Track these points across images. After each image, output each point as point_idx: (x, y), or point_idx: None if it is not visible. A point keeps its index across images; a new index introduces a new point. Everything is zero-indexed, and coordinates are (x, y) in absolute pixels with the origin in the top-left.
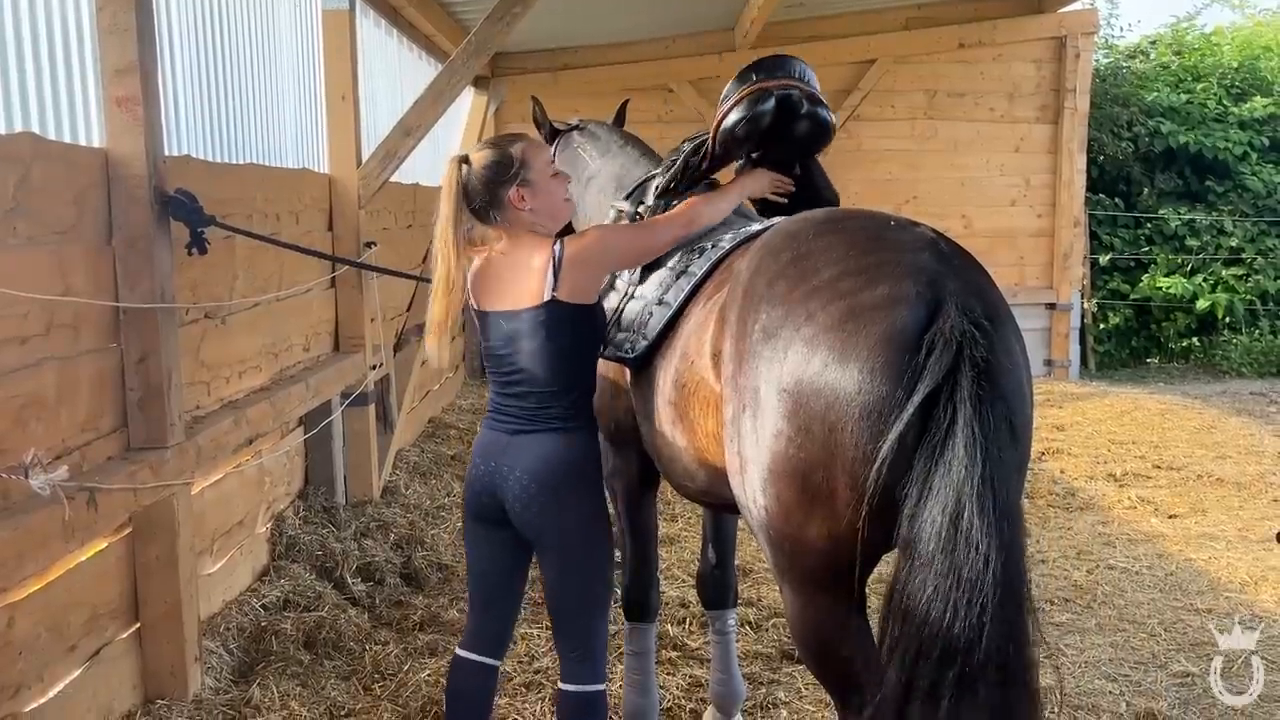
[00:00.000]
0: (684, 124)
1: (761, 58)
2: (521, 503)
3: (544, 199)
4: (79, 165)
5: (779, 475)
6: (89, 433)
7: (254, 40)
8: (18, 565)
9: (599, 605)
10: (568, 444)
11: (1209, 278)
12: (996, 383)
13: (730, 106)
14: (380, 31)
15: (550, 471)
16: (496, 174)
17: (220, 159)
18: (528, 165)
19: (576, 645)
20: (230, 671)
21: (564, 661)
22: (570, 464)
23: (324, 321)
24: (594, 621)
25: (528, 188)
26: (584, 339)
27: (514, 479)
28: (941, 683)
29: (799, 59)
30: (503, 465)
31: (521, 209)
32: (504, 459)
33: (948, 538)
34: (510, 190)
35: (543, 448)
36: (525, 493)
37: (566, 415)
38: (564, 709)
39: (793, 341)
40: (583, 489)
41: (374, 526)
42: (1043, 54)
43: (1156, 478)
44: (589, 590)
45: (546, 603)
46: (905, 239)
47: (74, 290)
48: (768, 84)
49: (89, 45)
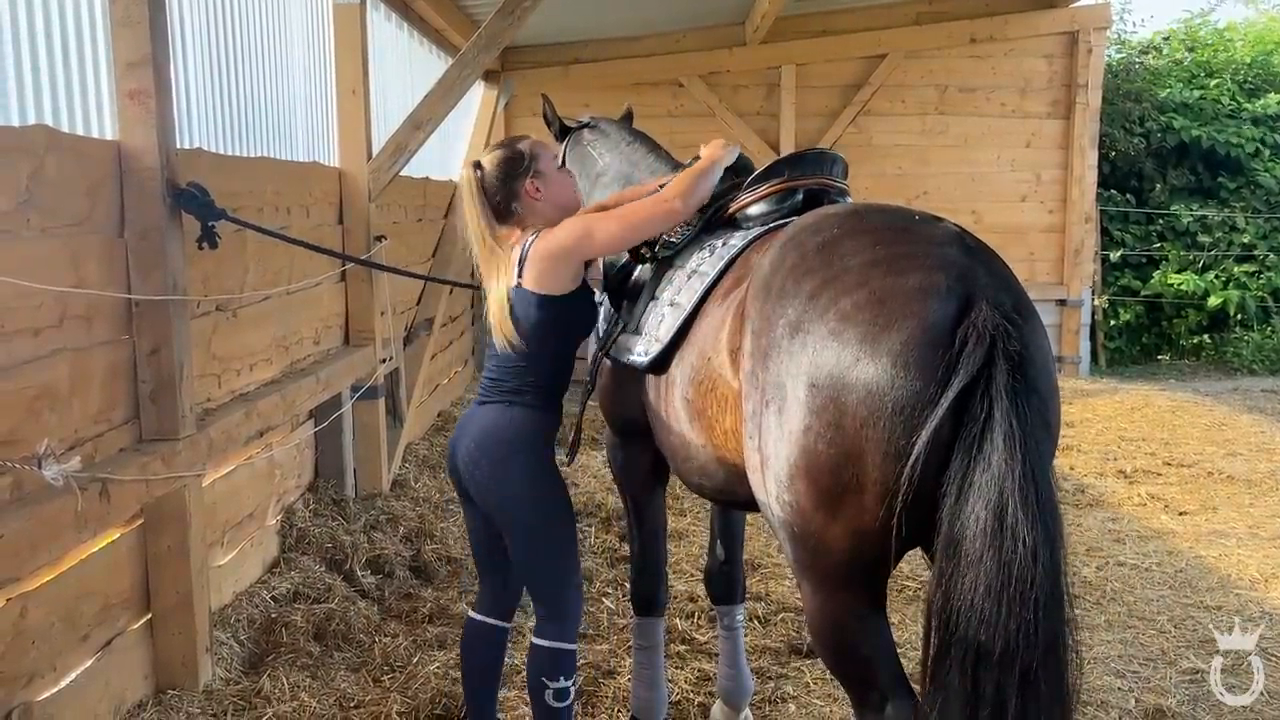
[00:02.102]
0: (694, 118)
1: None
2: (468, 471)
3: (555, 189)
4: (92, 158)
5: (805, 471)
6: (101, 424)
7: (265, 34)
8: (31, 555)
9: (558, 565)
10: (511, 417)
11: (1221, 274)
12: (1029, 376)
13: (758, 197)
14: (391, 25)
15: (489, 440)
16: (510, 169)
17: (231, 152)
18: (537, 158)
19: (544, 604)
20: (240, 662)
21: (537, 618)
22: (506, 437)
23: (334, 315)
24: (557, 587)
25: (540, 179)
26: (547, 325)
27: (463, 447)
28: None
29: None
30: (460, 436)
31: (536, 199)
32: (464, 428)
33: (994, 534)
34: (525, 182)
35: (487, 418)
36: (469, 458)
37: (518, 390)
38: (531, 660)
39: (822, 335)
40: (521, 460)
41: (383, 519)
42: (1055, 49)
43: (1167, 474)
44: (543, 549)
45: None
46: (932, 233)
47: (87, 282)
48: (798, 183)
49: (102, 38)
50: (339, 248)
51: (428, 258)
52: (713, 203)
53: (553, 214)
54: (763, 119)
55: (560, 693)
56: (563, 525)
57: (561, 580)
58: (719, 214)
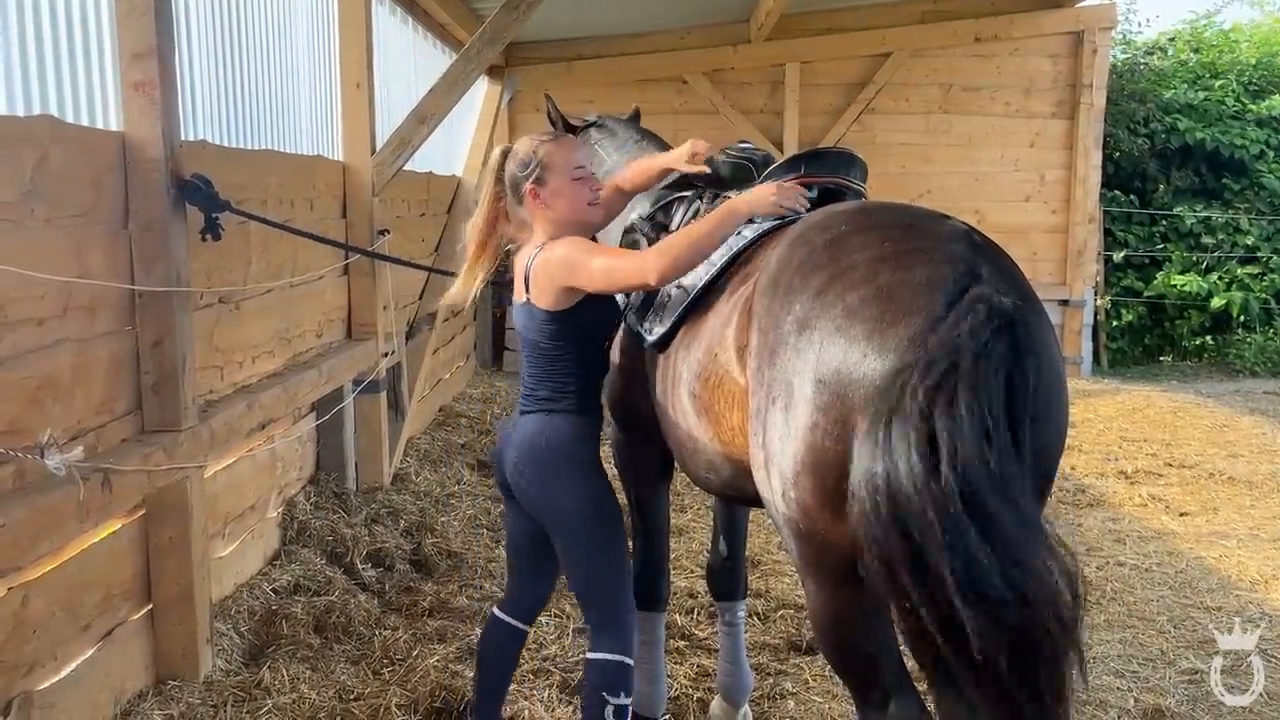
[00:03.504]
0: (698, 115)
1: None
2: (515, 482)
3: (561, 201)
4: (96, 149)
5: (811, 468)
6: (104, 415)
7: (270, 26)
8: (32, 544)
9: (614, 578)
10: (553, 425)
11: (1224, 276)
12: (1037, 370)
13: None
14: (396, 19)
15: (535, 451)
16: (519, 169)
17: (236, 144)
18: (547, 167)
19: (599, 616)
20: (241, 654)
21: (592, 631)
22: (552, 445)
23: (337, 308)
24: (612, 593)
25: (542, 187)
26: (563, 339)
27: (510, 457)
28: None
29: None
30: (506, 446)
31: (534, 206)
32: (508, 438)
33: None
34: (527, 186)
35: (530, 428)
36: (516, 470)
37: (555, 397)
38: (590, 676)
39: (829, 332)
40: (569, 469)
41: (384, 513)
42: (1059, 49)
43: (1168, 475)
44: (598, 562)
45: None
46: (939, 229)
47: (90, 273)
48: (814, 180)
49: (107, 29)
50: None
51: (431, 252)
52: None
53: (552, 227)
54: (766, 116)
55: (620, 710)
56: (615, 534)
57: (617, 590)
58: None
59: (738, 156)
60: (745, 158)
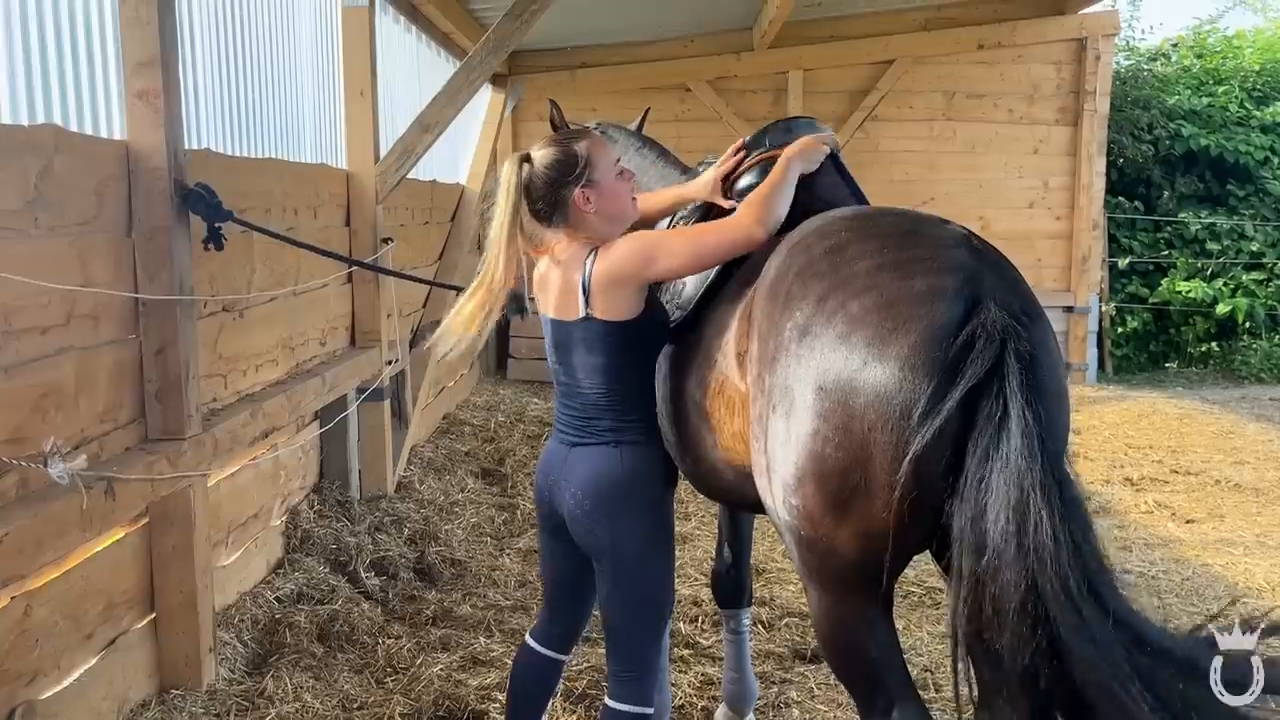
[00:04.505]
0: (701, 123)
1: (776, 121)
2: (574, 518)
3: (609, 201)
4: (100, 157)
5: (813, 475)
6: (107, 423)
7: (274, 35)
8: (36, 553)
9: (650, 626)
10: (620, 459)
11: (1229, 282)
12: (1040, 378)
13: (743, 170)
14: (399, 28)
15: (601, 488)
16: (561, 173)
17: (239, 153)
18: (593, 165)
19: (624, 663)
20: (244, 663)
21: (611, 678)
22: (622, 481)
23: (340, 316)
24: (643, 641)
25: (593, 188)
26: (630, 353)
27: (569, 494)
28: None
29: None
30: (560, 479)
31: (587, 211)
32: (562, 472)
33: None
34: (575, 191)
35: (594, 462)
36: (579, 508)
37: (620, 428)
38: None
39: (830, 338)
40: (636, 507)
41: (388, 521)
42: (1063, 56)
43: (1174, 482)
44: (640, 610)
45: (600, 616)
46: (940, 235)
47: (94, 281)
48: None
49: (111, 38)
50: (346, 250)
51: (434, 261)
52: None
53: (603, 227)
54: None
55: None
56: (667, 582)
57: (652, 639)
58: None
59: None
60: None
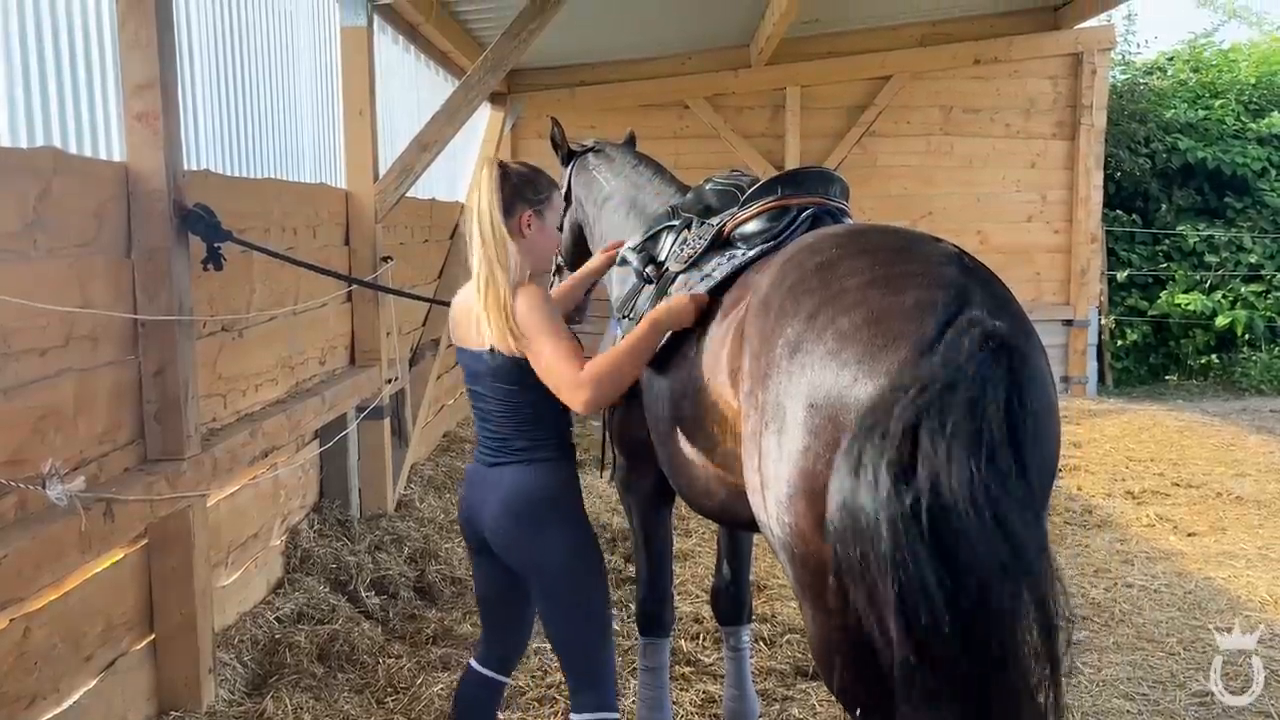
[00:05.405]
0: (700, 140)
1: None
2: (495, 536)
3: (542, 239)
4: (99, 179)
5: (805, 492)
6: (106, 444)
7: (273, 56)
8: (35, 575)
9: (595, 633)
10: (535, 476)
11: (1228, 294)
12: (1031, 393)
13: (751, 215)
14: (398, 48)
15: (517, 505)
16: (527, 189)
17: (239, 173)
18: (550, 203)
19: (578, 675)
20: (244, 683)
21: (571, 693)
22: (537, 497)
23: (340, 335)
24: (592, 650)
25: (539, 220)
26: (534, 379)
27: (488, 512)
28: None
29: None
30: (480, 499)
31: (524, 234)
32: (481, 492)
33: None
34: (526, 211)
35: (511, 480)
36: (498, 525)
37: (532, 447)
38: None
39: (821, 355)
40: (553, 521)
41: (388, 540)
42: (1059, 70)
43: (1175, 495)
44: (579, 620)
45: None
46: (930, 252)
47: (93, 302)
48: (791, 201)
49: (110, 60)
50: (345, 268)
51: (434, 279)
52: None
53: (525, 259)
54: (768, 140)
55: None
56: (597, 586)
57: (599, 647)
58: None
59: (725, 184)
60: (733, 184)
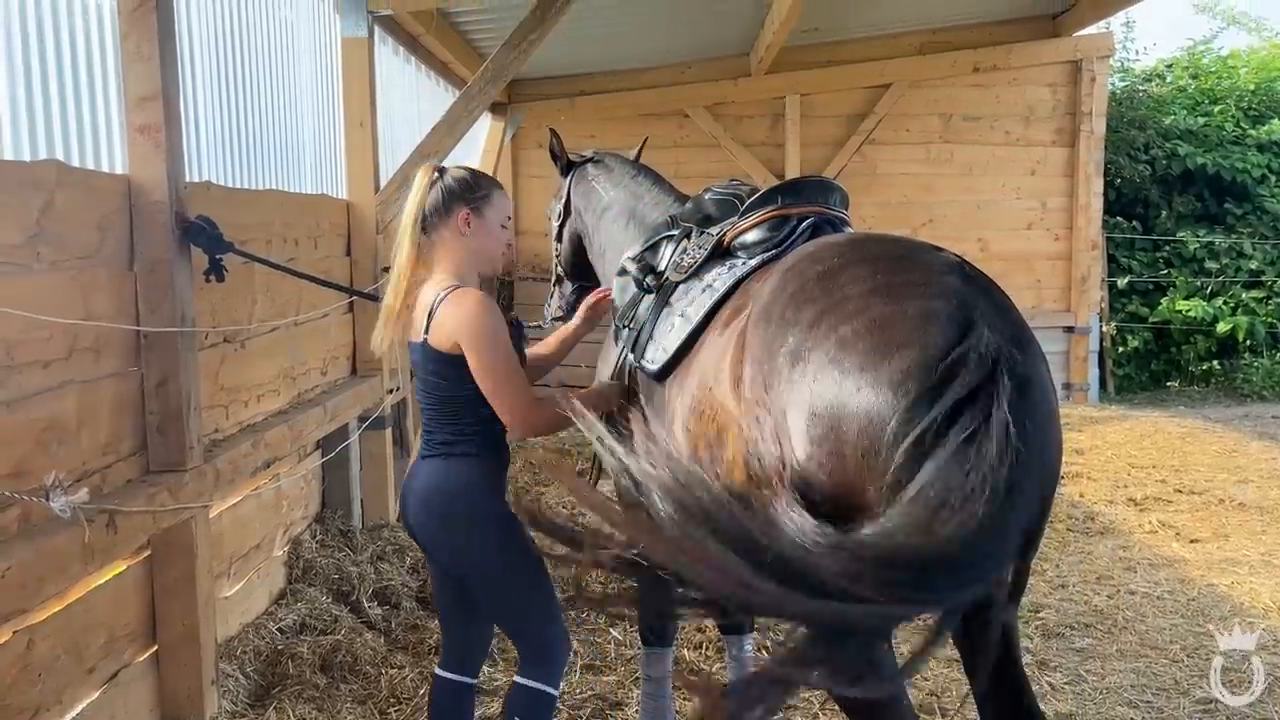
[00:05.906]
0: (700, 149)
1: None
2: (419, 530)
3: (484, 237)
4: (102, 191)
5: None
6: (109, 455)
7: (274, 67)
8: (38, 587)
9: (534, 613)
10: (452, 469)
11: (1229, 300)
12: (1033, 401)
13: (751, 224)
14: (399, 59)
15: (434, 498)
16: (461, 189)
17: (240, 184)
18: (489, 201)
19: (527, 647)
20: (247, 695)
21: (520, 656)
22: (450, 492)
23: (341, 345)
24: (535, 628)
25: (478, 217)
26: (464, 380)
27: (412, 506)
28: None
29: (822, 179)
30: (408, 490)
31: (463, 233)
32: (410, 487)
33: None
34: (462, 209)
35: (427, 474)
36: (418, 520)
37: (453, 441)
38: (509, 700)
39: (823, 363)
40: (471, 512)
41: (390, 550)
42: (1058, 78)
43: (1178, 502)
44: (521, 609)
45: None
46: (932, 261)
47: (95, 314)
48: (791, 210)
49: (113, 73)
50: (346, 279)
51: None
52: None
53: (469, 259)
54: (768, 149)
55: None
56: (534, 577)
57: (538, 621)
58: (720, 244)
59: (724, 193)
60: (732, 193)
